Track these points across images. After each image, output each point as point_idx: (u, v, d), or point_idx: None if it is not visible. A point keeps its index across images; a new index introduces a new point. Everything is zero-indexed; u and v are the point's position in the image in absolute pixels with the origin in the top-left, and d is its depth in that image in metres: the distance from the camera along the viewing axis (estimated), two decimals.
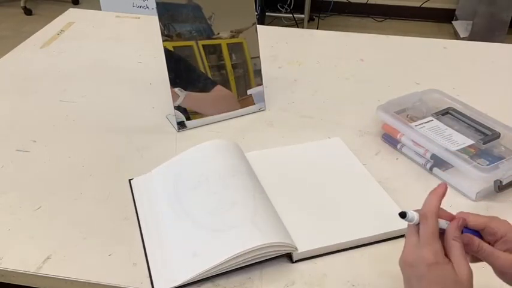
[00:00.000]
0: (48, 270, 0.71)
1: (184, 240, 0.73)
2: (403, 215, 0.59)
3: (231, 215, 0.74)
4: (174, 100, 0.98)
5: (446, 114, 0.98)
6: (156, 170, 0.87)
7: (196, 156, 0.86)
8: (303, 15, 3.25)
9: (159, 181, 0.84)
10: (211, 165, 0.83)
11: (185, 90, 0.99)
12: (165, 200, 0.80)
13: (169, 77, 0.96)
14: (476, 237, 0.59)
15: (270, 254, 0.70)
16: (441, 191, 0.61)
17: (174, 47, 0.96)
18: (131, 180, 0.87)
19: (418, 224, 0.59)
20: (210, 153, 0.85)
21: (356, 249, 0.74)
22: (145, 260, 0.72)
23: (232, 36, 1.01)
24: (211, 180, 0.80)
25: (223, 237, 0.71)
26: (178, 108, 0.99)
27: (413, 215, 0.59)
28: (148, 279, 0.69)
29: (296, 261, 0.72)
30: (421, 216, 0.59)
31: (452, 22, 3.39)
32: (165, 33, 0.95)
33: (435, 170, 0.89)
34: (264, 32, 1.15)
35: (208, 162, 0.84)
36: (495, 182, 0.81)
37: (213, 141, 0.88)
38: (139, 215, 0.79)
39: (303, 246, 0.72)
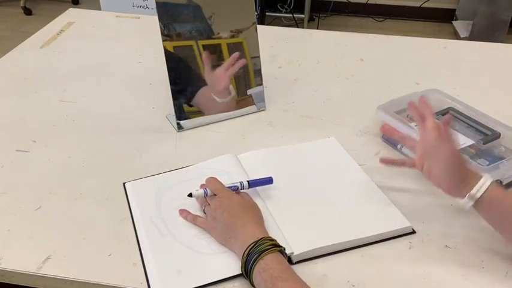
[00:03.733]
0: (48, 270, 0.71)
1: (167, 256, 0.72)
2: (190, 194, 0.78)
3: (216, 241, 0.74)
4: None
5: (446, 114, 0.98)
6: (146, 179, 0.86)
7: (186, 179, 0.86)
8: (303, 15, 3.25)
9: (146, 193, 0.83)
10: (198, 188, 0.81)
11: (185, 90, 0.99)
12: (148, 215, 0.79)
13: (169, 77, 0.96)
14: (399, 159, 0.84)
15: None
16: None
17: (174, 47, 0.96)
18: (125, 184, 0.86)
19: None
20: (201, 177, 0.82)
21: (355, 250, 0.74)
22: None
23: (232, 36, 1.01)
24: (196, 205, 0.80)
25: (210, 261, 0.71)
26: (178, 108, 0.99)
27: (198, 192, 0.78)
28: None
29: (296, 263, 0.72)
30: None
31: (453, 22, 3.39)
32: (165, 33, 0.95)
33: None
34: (264, 32, 1.15)
35: (195, 185, 0.82)
36: (495, 182, 0.81)
37: (208, 162, 0.88)
38: (134, 219, 0.79)
39: (301, 248, 0.72)
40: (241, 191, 0.79)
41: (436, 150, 0.73)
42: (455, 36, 3.23)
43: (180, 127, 1.00)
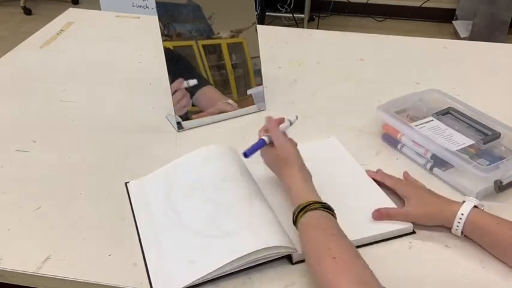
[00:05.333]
0: (48, 270, 0.71)
1: (178, 248, 0.72)
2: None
3: (226, 221, 0.74)
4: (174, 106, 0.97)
5: (446, 114, 0.98)
6: (150, 175, 0.86)
7: (190, 164, 0.85)
8: (303, 15, 3.25)
9: (153, 187, 0.84)
10: (205, 172, 0.83)
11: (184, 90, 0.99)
12: (158, 207, 0.79)
13: (169, 77, 0.96)
14: (383, 209, 0.78)
15: (269, 256, 0.70)
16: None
17: (174, 47, 0.96)
18: (127, 184, 0.86)
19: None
20: (205, 160, 0.84)
21: None
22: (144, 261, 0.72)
23: (232, 36, 1.01)
24: (206, 187, 0.80)
25: (220, 244, 0.71)
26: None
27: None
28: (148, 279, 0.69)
29: (296, 263, 0.72)
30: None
31: (453, 22, 3.39)
32: (165, 33, 0.95)
33: (435, 170, 0.89)
34: (264, 32, 1.15)
35: (202, 169, 0.83)
36: (495, 182, 0.81)
37: (207, 147, 0.87)
38: (136, 219, 0.79)
39: None
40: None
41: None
42: (455, 36, 3.23)
43: (180, 127, 1.00)
